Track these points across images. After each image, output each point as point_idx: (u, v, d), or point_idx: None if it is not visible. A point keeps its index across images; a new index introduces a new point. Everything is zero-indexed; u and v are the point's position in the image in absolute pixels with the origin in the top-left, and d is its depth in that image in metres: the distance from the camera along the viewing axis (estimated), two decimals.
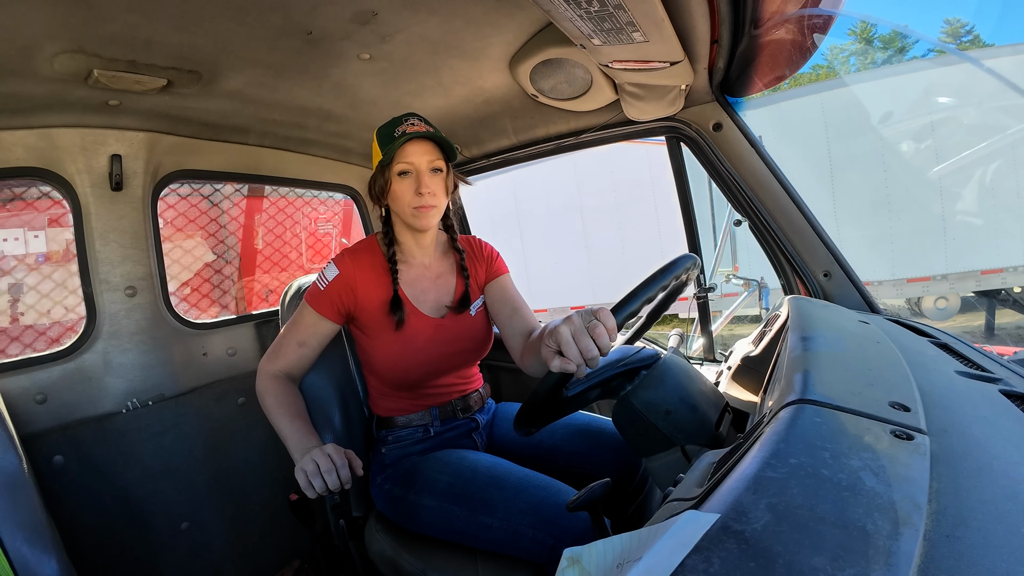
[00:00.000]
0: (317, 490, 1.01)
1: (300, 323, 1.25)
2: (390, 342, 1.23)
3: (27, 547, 0.94)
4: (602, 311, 0.83)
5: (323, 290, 1.22)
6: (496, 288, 1.36)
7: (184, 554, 1.60)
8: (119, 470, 1.50)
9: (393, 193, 1.20)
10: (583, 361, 0.79)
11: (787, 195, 1.40)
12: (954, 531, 0.41)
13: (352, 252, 1.27)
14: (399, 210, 1.22)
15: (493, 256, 1.40)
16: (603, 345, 0.79)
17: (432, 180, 1.19)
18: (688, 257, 1.04)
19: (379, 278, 1.25)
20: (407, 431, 1.31)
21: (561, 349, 0.80)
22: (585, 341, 0.79)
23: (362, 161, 2.08)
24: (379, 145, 1.19)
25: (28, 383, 1.38)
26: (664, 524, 0.44)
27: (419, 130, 1.15)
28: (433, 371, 1.28)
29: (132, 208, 1.52)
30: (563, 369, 0.79)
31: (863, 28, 16.84)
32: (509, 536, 1.04)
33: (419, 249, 1.31)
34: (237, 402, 1.79)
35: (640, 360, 1.04)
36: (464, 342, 1.30)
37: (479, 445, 1.38)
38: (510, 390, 2.13)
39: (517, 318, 1.31)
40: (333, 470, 1.02)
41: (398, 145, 1.14)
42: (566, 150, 1.81)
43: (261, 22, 1.04)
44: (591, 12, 0.86)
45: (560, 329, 0.81)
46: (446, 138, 1.17)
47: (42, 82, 1.16)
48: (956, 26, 16.89)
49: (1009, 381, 0.78)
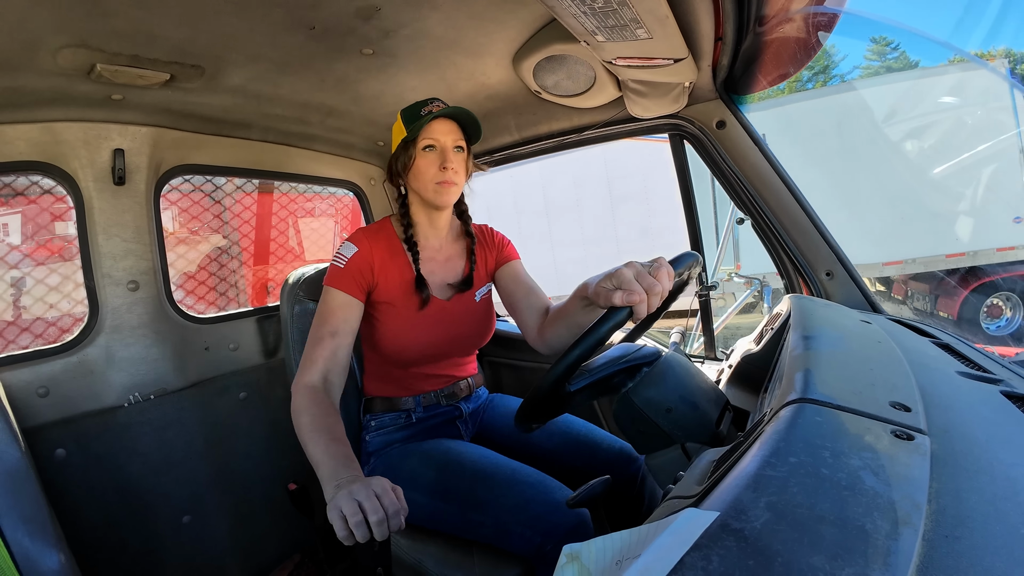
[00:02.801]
0: (359, 540, 0.77)
1: (326, 311, 1.17)
2: (399, 317, 1.24)
3: (29, 540, 0.94)
4: (659, 259, 0.87)
5: (344, 268, 1.20)
6: (509, 272, 1.38)
7: (185, 547, 1.61)
8: (121, 464, 1.51)
9: (416, 168, 1.20)
10: (646, 297, 0.80)
11: (790, 194, 1.40)
12: (953, 531, 0.41)
13: (367, 231, 1.27)
14: (420, 187, 1.22)
15: (503, 243, 1.42)
16: (665, 284, 0.82)
17: (455, 157, 1.20)
18: (690, 255, 1.04)
19: (394, 258, 1.26)
20: (389, 416, 1.31)
21: (623, 287, 0.81)
22: (647, 279, 0.81)
23: (365, 156, 2.08)
24: (404, 123, 1.20)
25: (31, 376, 1.38)
26: (664, 521, 0.44)
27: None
28: (431, 353, 1.28)
29: (135, 202, 1.52)
30: (628, 302, 0.80)
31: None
32: (499, 533, 1.05)
33: (433, 231, 1.31)
34: (239, 396, 1.79)
35: (641, 357, 1.04)
36: (465, 327, 1.31)
37: (463, 434, 1.38)
38: (510, 386, 2.13)
39: (533, 297, 1.33)
40: (384, 520, 0.78)
41: (426, 121, 1.16)
42: (569, 147, 1.80)
43: (264, 17, 1.04)
44: (595, 8, 0.86)
45: (622, 270, 0.84)
46: (472, 114, 1.20)
47: (45, 76, 1.16)
48: (882, 44, 17.16)
49: (1010, 382, 0.78)
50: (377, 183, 2.19)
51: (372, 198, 2.19)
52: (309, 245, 3.65)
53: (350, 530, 0.77)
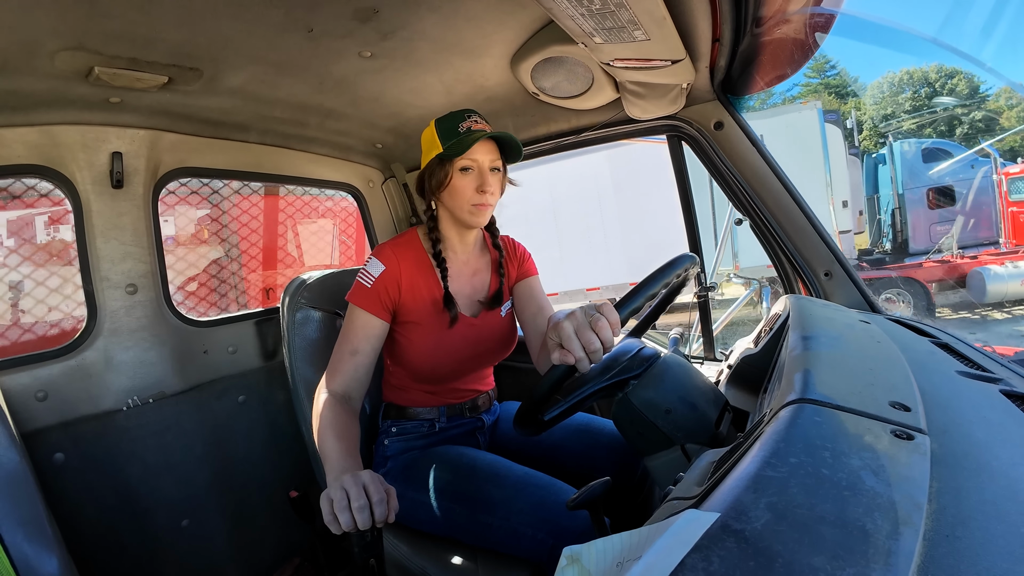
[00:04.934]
0: (343, 526, 0.79)
1: (349, 329, 1.17)
2: (427, 337, 1.22)
3: (28, 544, 0.94)
4: (605, 305, 0.83)
5: (370, 287, 1.17)
6: (525, 288, 1.37)
7: (184, 551, 1.60)
8: (120, 467, 1.50)
9: (453, 188, 1.17)
10: (585, 355, 0.79)
11: (788, 194, 1.40)
12: (954, 531, 0.41)
13: (394, 245, 1.24)
14: (455, 206, 1.19)
15: (525, 256, 1.41)
16: (606, 339, 0.79)
17: (493, 179, 1.18)
18: (688, 256, 1.04)
19: (422, 274, 1.23)
20: (412, 424, 1.31)
21: (563, 343, 0.79)
22: (587, 335, 0.79)
23: (363, 159, 2.08)
24: (440, 138, 1.17)
25: (29, 380, 1.38)
26: (664, 523, 0.44)
27: (485, 129, 1.16)
28: (459, 369, 1.29)
29: (133, 205, 1.52)
30: (563, 361, 0.80)
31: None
32: (508, 535, 1.04)
33: (462, 246, 1.30)
34: (238, 400, 1.79)
35: (640, 359, 1.04)
36: (491, 342, 1.31)
37: (481, 444, 1.38)
38: (512, 390, 2.13)
39: (540, 317, 1.31)
40: (367, 507, 0.80)
41: (471, 142, 1.12)
42: (567, 148, 1.81)
43: (262, 19, 1.04)
44: (592, 10, 0.86)
45: (562, 323, 0.80)
46: (515, 139, 1.17)
47: (43, 79, 1.15)
48: (821, 62, 17.68)
49: (1010, 381, 0.78)
50: (376, 185, 2.19)
51: (371, 200, 2.19)
52: (308, 248, 3.65)
53: (335, 515, 0.80)
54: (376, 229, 2.23)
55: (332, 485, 0.84)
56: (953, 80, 26.49)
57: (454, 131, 1.15)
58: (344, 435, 1.01)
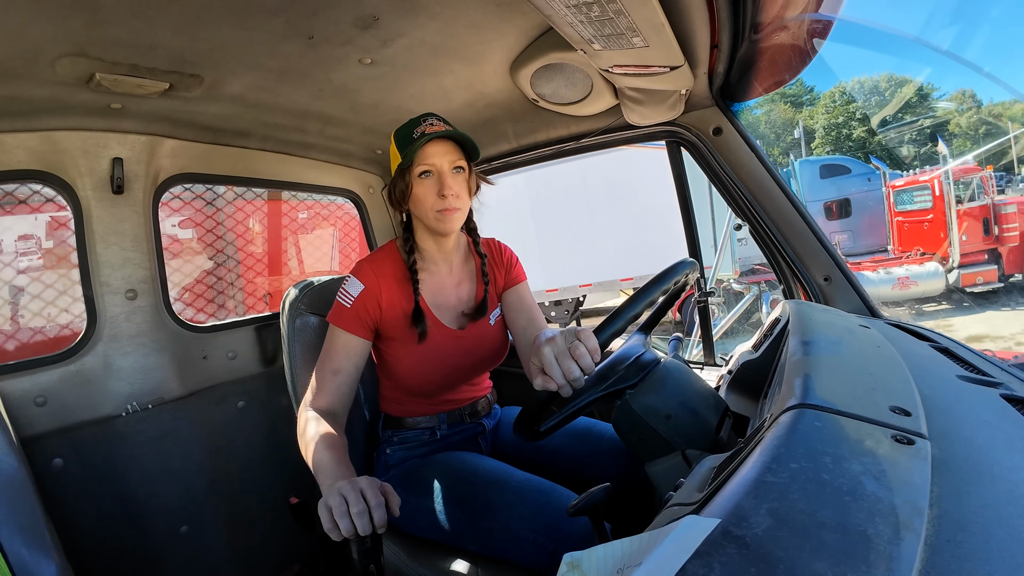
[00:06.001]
0: (344, 533, 0.80)
1: (331, 349, 1.17)
2: (410, 353, 1.21)
3: (26, 550, 0.94)
4: (584, 332, 0.83)
5: (349, 307, 1.17)
6: (514, 296, 1.35)
7: (184, 558, 1.60)
8: (119, 473, 1.50)
9: (415, 197, 1.15)
10: (565, 382, 0.79)
11: (787, 200, 1.41)
12: (955, 536, 0.41)
13: (372, 261, 1.22)
14: (421, 214, 1.17)
15: (512, 262, 1.38)
16: (585, 366, 0.80)
17: (455, 181, 1.14)
18: (687, 262, 1.04)
19: (401, 287, 1.21)
20: (413, 432, 1.31)
21: (544, 369, 0.80)
22: (567, 363, 0.79)
23: (363, 165, 2.09)
24: (397, 148, 1.15)
25: (28, 385, 1.38)
26: (665, 529, 0.44)
27: (438, 130, 1.12)
28: (450, 381, 1.28)
29: (133, 211, 1.52)
30: (544, 387, 0.81)
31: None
32: (509, 540, 1.03)
33: (441, 254, 1.27)
34: (237, 406, 1.78)
35: (640, 364, 1.04)
36: (482, 352, 1.29)
37: (483, 449, 1.38)
38: (512, 394, 2.13)
39: (532, 328, 1.30)
40: (365, 512, 0.80)
41: (419, 146, 1.10)
42: (566, 154, 1.81)
43: (262, 26, 1.04)
44: (591, 17, 0.87)
45: (543, 350, 0.81)
46: (468, 136, 1.14)
47: (44, 85, 1.16)
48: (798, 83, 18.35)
49: (1010, 385, 0.78)
50: (376, 191, 2.19)
51: (371, 206, 2.20)
52: (307, 254, 3.65)
53: (335, 522, 0.80)
54: (376, 235, 2.23)
55: (329, 492, 0.84)
56: (903, 89, 27.10)
57: (409, 138, 1.13)
58: (334, 445, 1.01)
